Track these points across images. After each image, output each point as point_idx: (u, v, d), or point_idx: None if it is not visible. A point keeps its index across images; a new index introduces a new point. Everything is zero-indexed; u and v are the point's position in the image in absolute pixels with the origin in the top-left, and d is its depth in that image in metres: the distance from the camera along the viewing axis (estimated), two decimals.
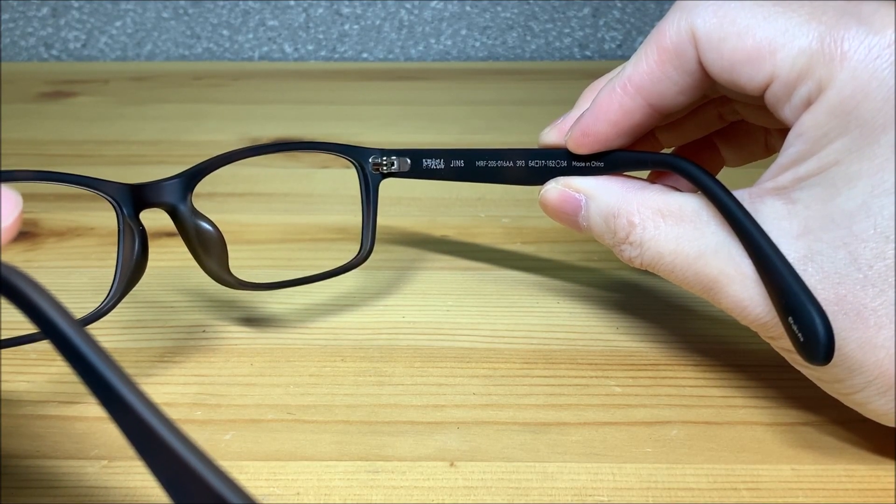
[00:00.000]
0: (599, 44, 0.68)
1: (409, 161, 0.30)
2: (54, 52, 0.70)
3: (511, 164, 0.28)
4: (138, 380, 0.28)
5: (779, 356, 0.23)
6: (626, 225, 0.24)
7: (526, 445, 0.25)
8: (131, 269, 0.26)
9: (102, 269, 0.35)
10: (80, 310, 0.26)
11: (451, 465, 0.24)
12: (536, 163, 0.28)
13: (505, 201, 0.42)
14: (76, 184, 0.26)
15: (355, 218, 0.40)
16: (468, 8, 0.69)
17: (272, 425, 0.25)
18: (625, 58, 0.70)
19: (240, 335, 0.30)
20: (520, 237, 0.38)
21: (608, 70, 0.27)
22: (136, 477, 0.23)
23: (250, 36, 0.70)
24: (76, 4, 0.68)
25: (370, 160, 0.31)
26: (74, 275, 0.34)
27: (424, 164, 0.30)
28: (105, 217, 0.37)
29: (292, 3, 0.69)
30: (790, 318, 0.21)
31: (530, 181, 0.28)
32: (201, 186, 0.27)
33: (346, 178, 0.28)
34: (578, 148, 0.26)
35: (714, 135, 0.30)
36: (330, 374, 0.28)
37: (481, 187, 0.33)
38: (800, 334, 0.20)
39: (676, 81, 0.24)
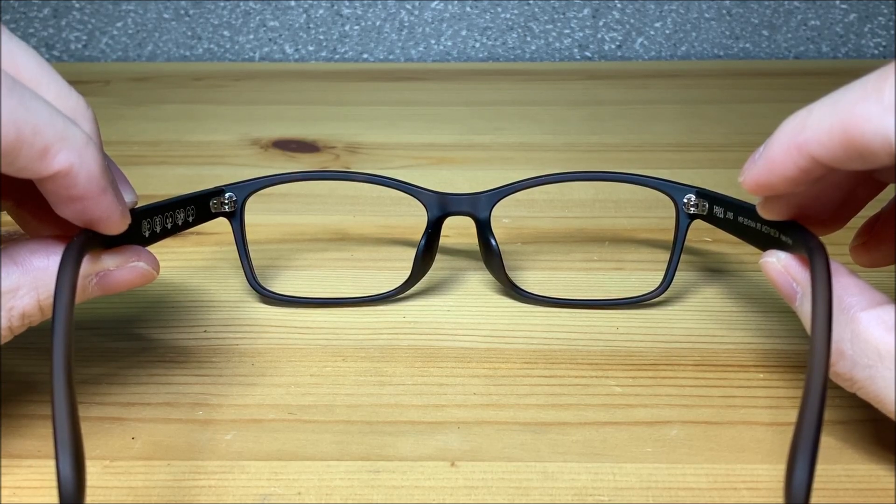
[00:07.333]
0: (599, 45, 0.68)
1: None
2: (55, 53, 0.70)
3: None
4: (140, 380, 0.28)
5: (779, 357, 0.23)
6: (833, 353, 0.22)
7: (526, 445, 0.25)
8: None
9: None
10: None
11: (452, 464, 0.24)
12: (757, 224, 0.27)
13: (505, 202, 0.42)
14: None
15: (353, 218, 0.40)
16: (468, 9, 0.69)
17: (273, 425, 0.26)
18: (624, 58, 0.71)
19: (241, 335, 0.30)
20: (520, 237, 0.38)
21: (608, 71, 0.26)
22: (137, 477, 0.23)
23: (251, 37, 0.70)
24: (77, 5, 0.69)
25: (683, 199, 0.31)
26: None
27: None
28: None
29: (293, 3, 0.69)
30: None
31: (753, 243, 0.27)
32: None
33: None
34: (754, 192, 0.24)
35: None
36: (331, 374, 0.28)
37: (479, 185, 0.33)
38: None
39: (848, 167, 0.21)
